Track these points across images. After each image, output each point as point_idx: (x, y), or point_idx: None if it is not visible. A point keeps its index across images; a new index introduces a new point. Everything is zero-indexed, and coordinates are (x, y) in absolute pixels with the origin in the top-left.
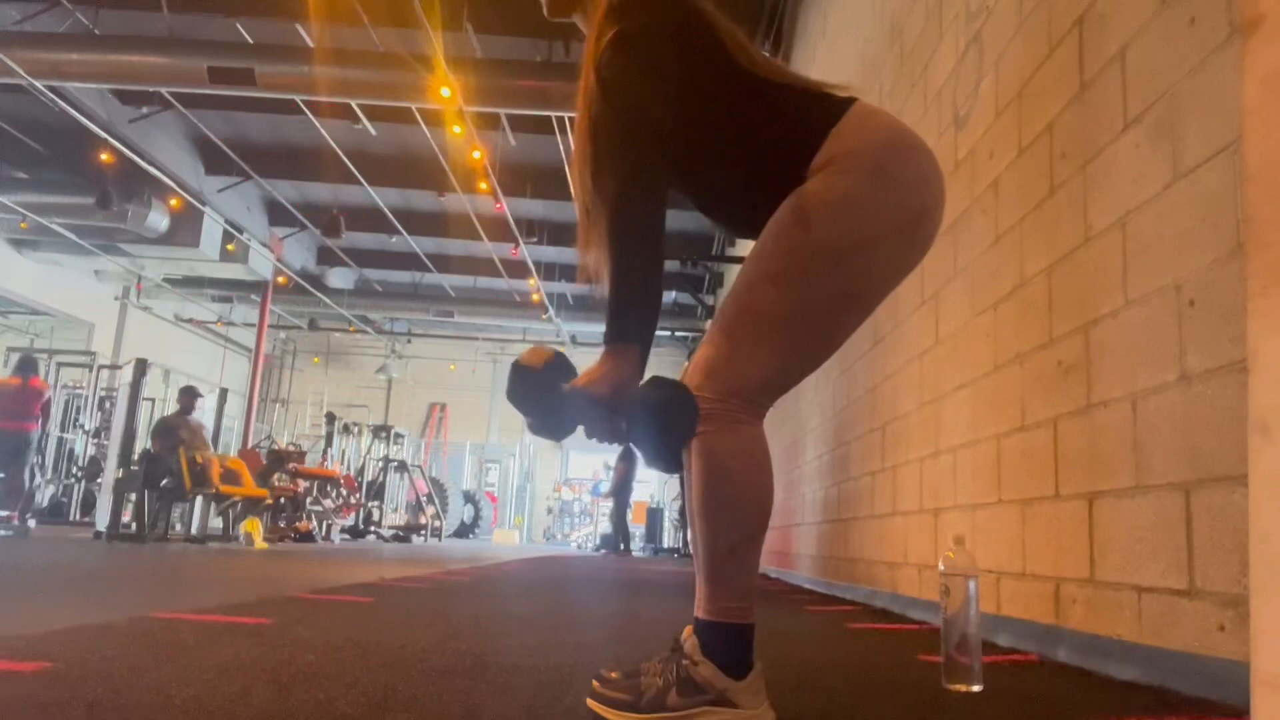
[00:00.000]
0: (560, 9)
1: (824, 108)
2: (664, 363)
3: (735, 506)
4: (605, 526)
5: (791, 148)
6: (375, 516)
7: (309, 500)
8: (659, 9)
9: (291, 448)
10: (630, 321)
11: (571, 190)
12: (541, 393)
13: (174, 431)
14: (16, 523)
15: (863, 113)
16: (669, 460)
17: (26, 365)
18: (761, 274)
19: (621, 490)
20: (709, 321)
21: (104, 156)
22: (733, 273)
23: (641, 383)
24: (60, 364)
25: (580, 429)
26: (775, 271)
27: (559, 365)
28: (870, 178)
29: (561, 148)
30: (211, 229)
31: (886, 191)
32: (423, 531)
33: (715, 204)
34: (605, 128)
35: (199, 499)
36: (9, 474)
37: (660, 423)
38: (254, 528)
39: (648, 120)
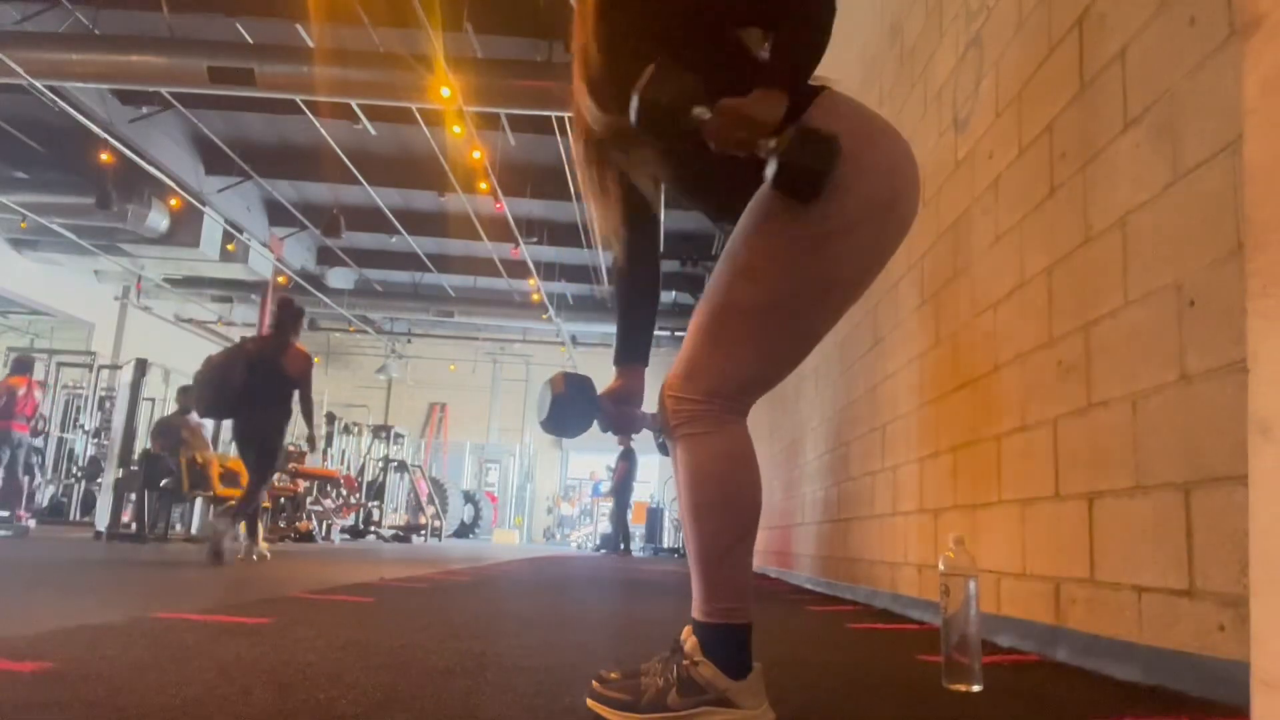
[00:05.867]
0: None
1: (792, 97)
2: (663, 363)
3: (725, 507)
4: (605, 526)
5: None
6: (375, 516)
7: (309, 500)
8: None
9: (292, 448)
10: (801, 74)
11: (579, 179)
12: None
13: (174, 431)
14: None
15: (830, 101)
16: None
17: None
18: (735, 271)
19: (622, 490)
20: None
21: (104, 156)
22: None
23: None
24: (60, 364)
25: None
26: (749, 267)
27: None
28: (840, 166)
29: (561, 148)
30: (211, 229)
31: (857, 179)
32: (423, 531)
33: (690, 186)
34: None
35: (199, 499)
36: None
37: (808, 173)
38: None
39: None
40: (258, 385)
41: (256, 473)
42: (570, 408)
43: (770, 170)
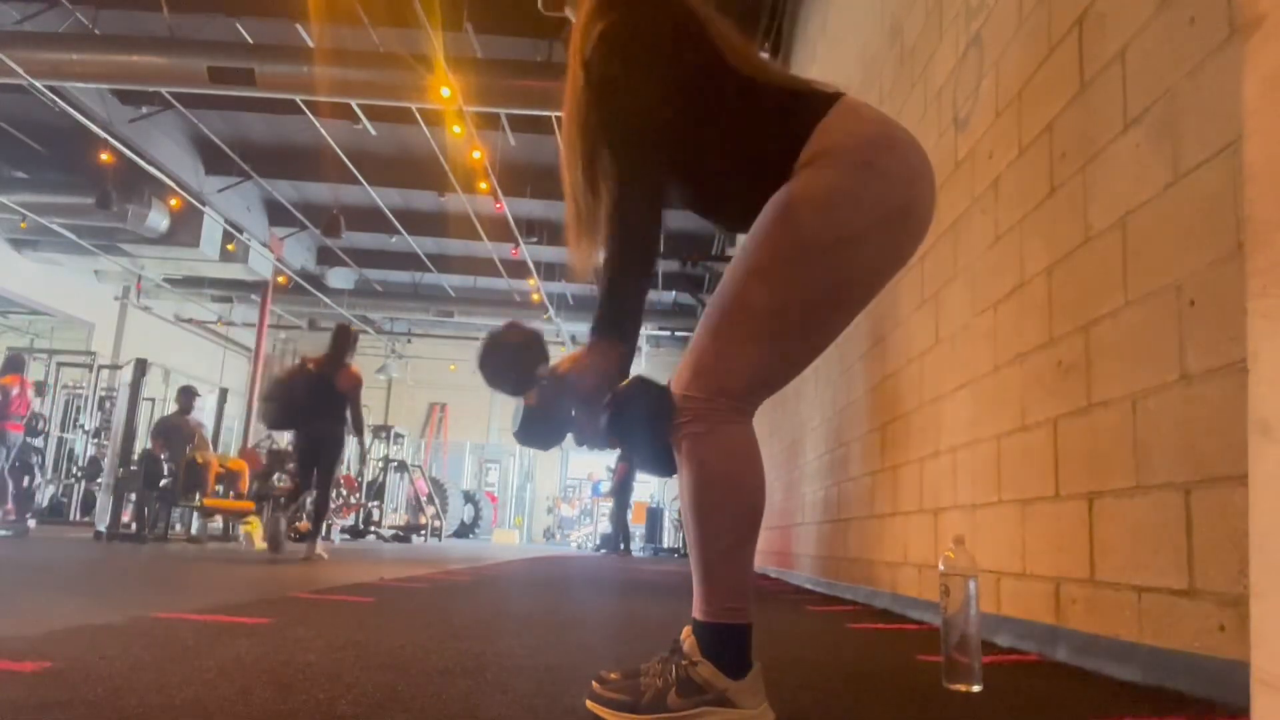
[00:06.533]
0: (553, 1)
1: (810, 104)
2: (663, 362)
3: (727, 507)
4: (605, 526)
5: (778, 145)
6: (375, 516)
7: (309, 500)
8: (646, 3)
9: (291, 448)
10: (621, 318)
11: (563, 187)
12: (513, 370)
13: (174, 432)
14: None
15: (849, 108)
16: (657, 464)
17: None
18: (748, 271)
19: (622, 490)
20: None
21: (104, 156)
22: None
23: (624, 384)
24: (60, 364)
25: (566, 439)
26: (762, 268)
27: (535, 347)
28: (856, 172)
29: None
30: (211, 229)
31: (872, 185)
32: (423, 531)
33: (706, 202)
34: (598, 127)
35: (198, 498)
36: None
37: (641, 426)
38: (254, 528)
39: (642, 119)
40: (316, 400)
41: (320, 482)
42: (543, 420)
43: (603, 423)
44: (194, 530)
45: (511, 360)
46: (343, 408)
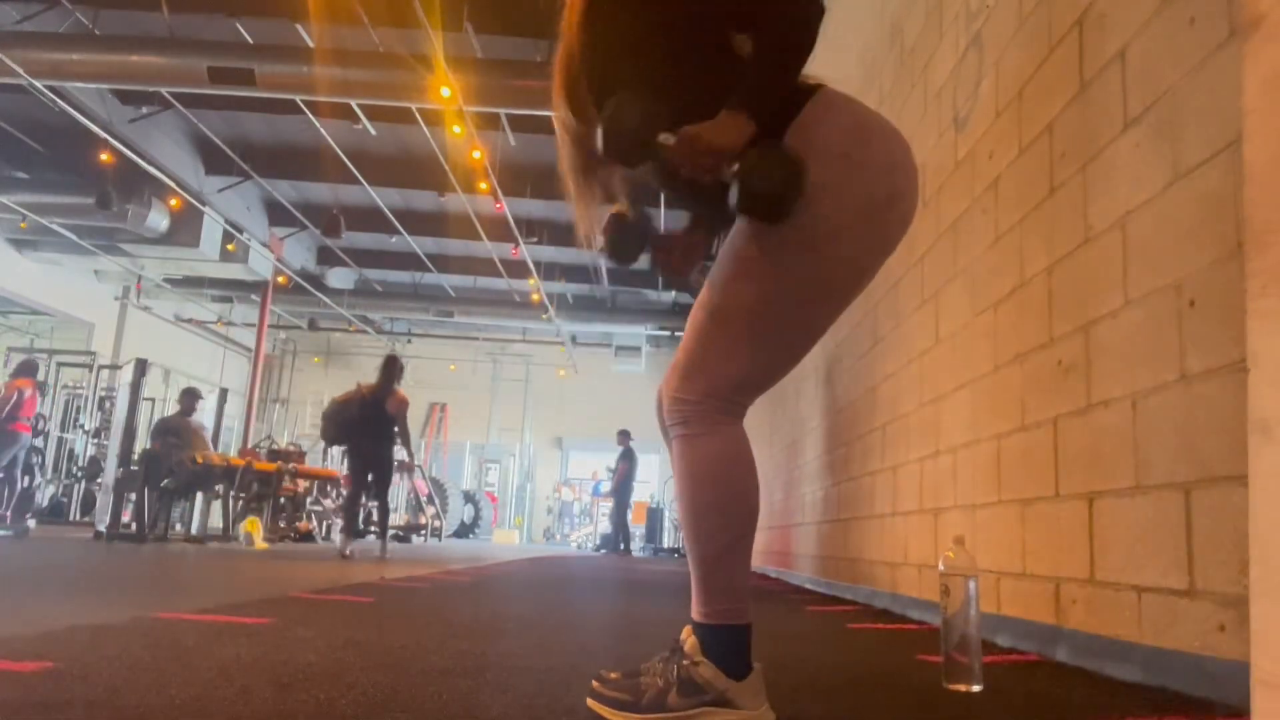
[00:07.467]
0: None
1: (788, 98)
2: (662, 363)
3: (721, 509)
4: (605, 526)
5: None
6: (375, 516)
7: (309, 500)
8: None
9: (292, 447)
10: (766, 96)
11: (556, 128)
12: (638, 128)
13: (175, 433)
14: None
15: (826, 100)
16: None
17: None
18: (733, 269)
19: (622, 490)
20: None
21: (104, 156)
22: None
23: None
24: (60, 364)
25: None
26: (745, 267)
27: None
28: (834, 165)
29: None
30: (211, 229)
31: (852, 177)
32: (423, 531)
33: (688, 194)
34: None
35: (199, 498)
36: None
37: (777, 185)
38: (254, 528)
39: None
40: (367, 421)
41: (379, 495)
42: (629, 233)
43: (733, 195)
44: (194, 530)
45: (639, 120)
46: (391, 429)
